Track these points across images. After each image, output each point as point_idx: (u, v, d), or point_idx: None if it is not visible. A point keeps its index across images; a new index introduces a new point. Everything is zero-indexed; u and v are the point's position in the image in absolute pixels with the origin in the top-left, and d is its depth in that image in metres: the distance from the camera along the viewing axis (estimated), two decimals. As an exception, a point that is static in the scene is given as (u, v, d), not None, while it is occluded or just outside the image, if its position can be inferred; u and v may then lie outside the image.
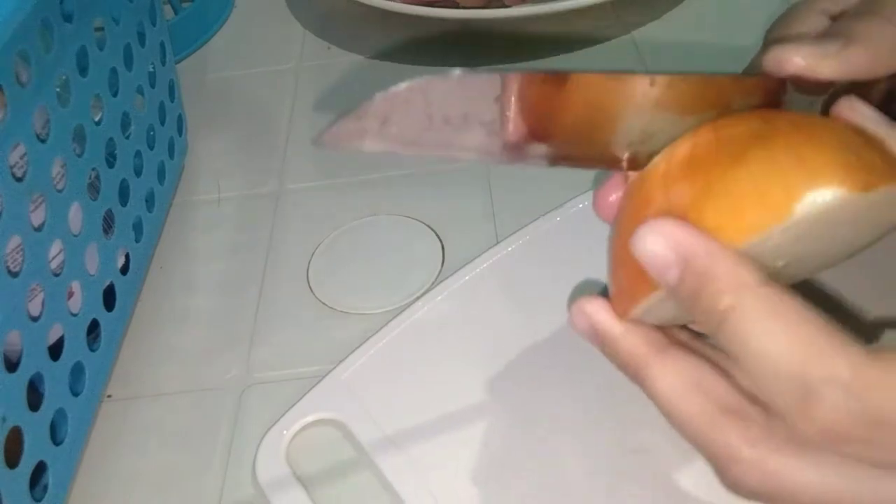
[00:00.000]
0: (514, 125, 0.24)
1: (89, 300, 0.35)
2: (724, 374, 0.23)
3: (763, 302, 0.21)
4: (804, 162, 0.22)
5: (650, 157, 0.25)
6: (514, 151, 0.25)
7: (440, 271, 0.40)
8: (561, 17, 0.52)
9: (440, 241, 0.41)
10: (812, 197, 0.21)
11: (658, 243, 0.22)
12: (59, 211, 0.33)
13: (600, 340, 0.26)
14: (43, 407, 0.30)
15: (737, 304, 0.21)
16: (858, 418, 0.20)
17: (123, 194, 0.39)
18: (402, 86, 0.23)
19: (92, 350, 0.35)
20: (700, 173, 0.23)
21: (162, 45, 0.45)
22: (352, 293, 0.40)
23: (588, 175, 0.40)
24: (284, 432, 0.33)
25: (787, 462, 0.22)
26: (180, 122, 0.48)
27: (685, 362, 0.24)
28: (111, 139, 0.38)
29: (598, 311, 0.25)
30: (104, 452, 0.35)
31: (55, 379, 0.31)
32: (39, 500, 0.30)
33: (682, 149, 0.24)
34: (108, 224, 0.37)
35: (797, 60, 0.25)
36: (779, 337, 0.20)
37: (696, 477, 0.29)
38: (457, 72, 0.23)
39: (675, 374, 0.24)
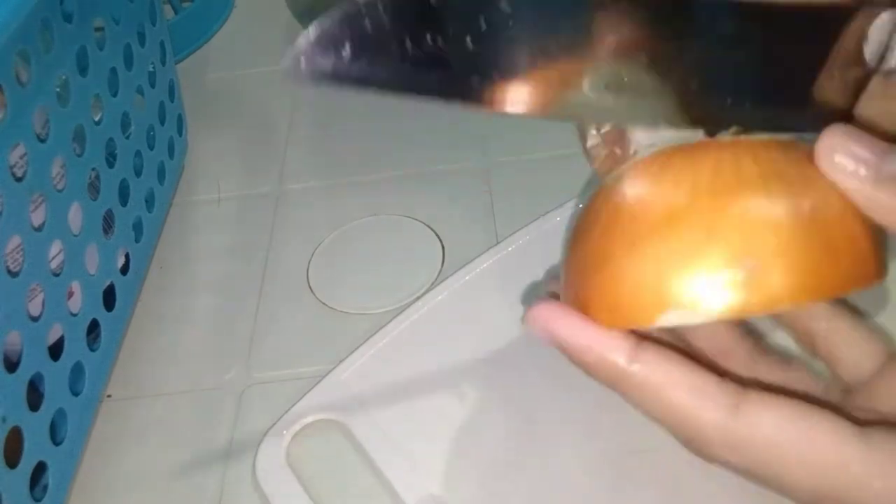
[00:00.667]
0: None
1: (89, 300, 0.35)
2: None
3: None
4: (683, 273, 0.21)
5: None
6: None
7: (440, 271, 0.40)
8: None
9: (440, 241, 0.41)
10: (672, 316, 0.21)
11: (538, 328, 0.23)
12: (59, 211, 0.33)
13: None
14: (43, 407, 0.30)
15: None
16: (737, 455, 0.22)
17: (123, 194, 0.39)
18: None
19: (92, 350, 0.35)
20: (615, 237, 0.23)
21: (162, 45, 0.45)
22: (352, 293, 0.40)
23: (588, 175, 0.40)
24: (284, 432, 0.33)
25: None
26: (180, 122, 0.48)
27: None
28: (111, 139, 0.38)
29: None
30: (104, 452, 0.35)
31: (55, 379, 0.31)
32: (39, 500, 0.30)
33: (623, 188, 0.23)
34: (108, 224, 0.37)
35: None
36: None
37: (696, 477, 0.29)
38: None
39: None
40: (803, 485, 0.21)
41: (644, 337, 0.23)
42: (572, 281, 0.24)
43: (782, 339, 0.29)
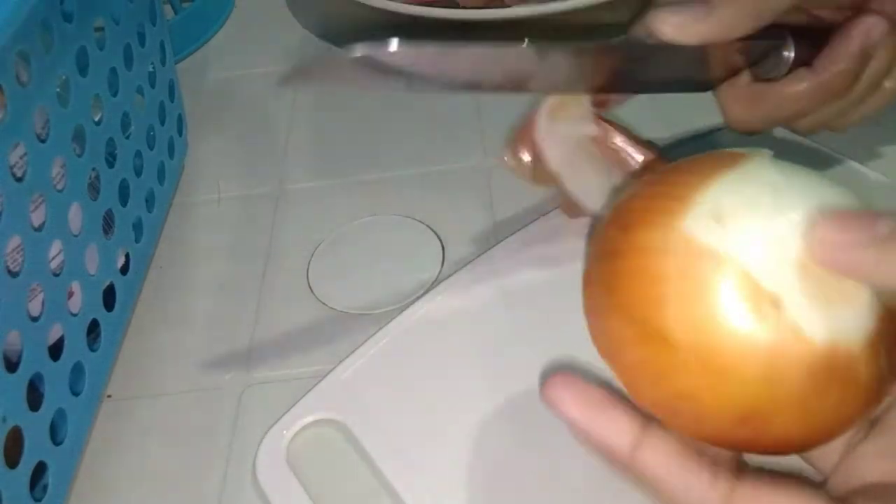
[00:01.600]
0: None
1: (89, 300, 0.35)
2: None
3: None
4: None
5: None
6: None
7: (440, 271, 0.40)
8: (561, 16, 0.52)
9: (440, 241, 0.41)
10: None
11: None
12: (59, 211, 0.33)
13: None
14: (43, 407, 0.30)
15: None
16: None
17: (123, 194, 0.39)
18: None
19: (92, 350, 0.35)
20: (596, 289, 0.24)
21: (162, 45, 0.45)
22: (352, 293, 0.40)
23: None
24: (284, 432, 0.33)
25: None
26: (180, 122, 0.48)
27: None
28: (111, 139, 0.38)
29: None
30: (104, 452, 0.35)
31: (55, 379, 0.31)
32: (39, 500, 0.30)
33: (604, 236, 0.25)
34: (108, 224, 0.37)
35: (667, 29, 0.28)
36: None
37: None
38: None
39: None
40: None
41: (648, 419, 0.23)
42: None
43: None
